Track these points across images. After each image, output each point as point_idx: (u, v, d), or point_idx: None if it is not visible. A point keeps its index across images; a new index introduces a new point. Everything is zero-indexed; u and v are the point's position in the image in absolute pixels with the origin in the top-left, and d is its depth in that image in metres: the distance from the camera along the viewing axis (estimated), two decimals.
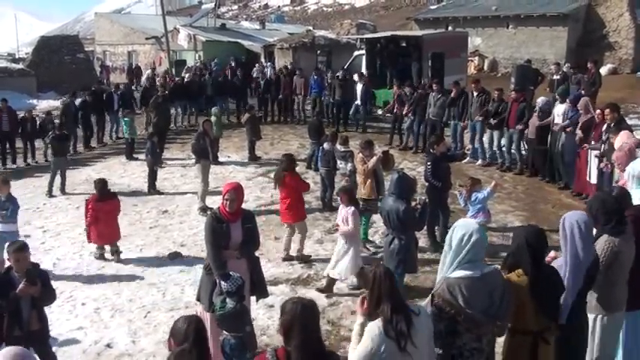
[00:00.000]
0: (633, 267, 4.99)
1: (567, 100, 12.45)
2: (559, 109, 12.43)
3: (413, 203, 7.29)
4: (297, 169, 14.51)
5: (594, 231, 4.82)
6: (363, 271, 3.96)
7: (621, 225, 4.90)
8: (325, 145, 11.68)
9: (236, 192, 6.06)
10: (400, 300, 3.76)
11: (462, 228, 4.03)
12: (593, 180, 10.85)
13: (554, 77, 19.16)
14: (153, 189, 13.43)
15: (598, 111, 11.17)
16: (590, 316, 4.89)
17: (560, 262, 4.56)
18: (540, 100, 13.24)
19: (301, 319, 3.46)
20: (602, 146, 10.25)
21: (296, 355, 3.41)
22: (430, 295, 4.07)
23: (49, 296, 5.61)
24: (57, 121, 17.00)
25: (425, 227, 9.50)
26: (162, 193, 13.26)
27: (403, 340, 3.60)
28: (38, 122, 16.94)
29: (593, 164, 10.76)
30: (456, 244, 3.99)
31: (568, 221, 4.50)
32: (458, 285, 3.90)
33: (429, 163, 9.54)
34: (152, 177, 13.55)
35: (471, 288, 3.89)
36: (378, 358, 3.63)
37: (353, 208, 8.12)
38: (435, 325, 3.90)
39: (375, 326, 3.67)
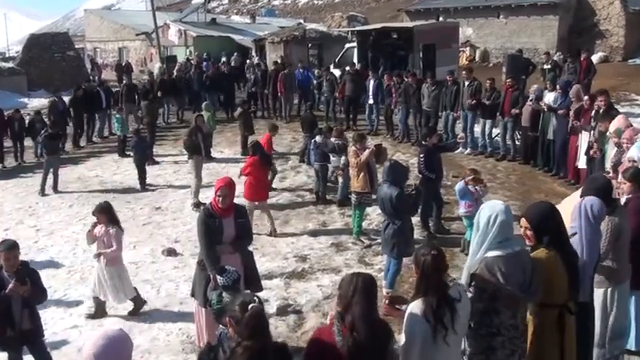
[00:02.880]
0: (632, 248, 5.32)
1: (557, 87, 12.53)
2: (549, 97, 12.54)
3: (408, 190, 7.49)
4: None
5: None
6: (416, 250, 4.02)
7: (614, 205, 5.24)
8: (317, 138, 11.66)
9: (228, 188, 6.04)
10: (445, 291, 3.80)
11: (488, 210, 4.12)
12: (582, 165, 10.98)
13: (545, 66, 19.19)
14: (143, 185, 13.45)
15: (586, 97, 11.24)
16: (600, 290, 5.21)
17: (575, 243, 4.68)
18: (534, 88, 13.29)
19: (362, 290, 3.59)
20: (592, 132, 10.32)
21: (359, 323, 3.52)
22: (469, 276, 4.13)
23: (40, 295, 5.59)
24: (46, 119, 16.97)
25: (419, 219, 9.61)
26: (153, 189, 13.22)
27: (443, 332, 3.68)
28: (27, 121, 16.88)
29: (582, 149, 10.87)
30: (482, 226, 4.09)
31: (585, 204, 4.70)
32: (496, 264, 3.99)
33: (421, 155, 9.52)
34: (142, 173, 13.57)
35: (507, 265, 3.98)
36: (419, 337, 3.70)
37: (116, 228, 7.34)
38: (474, 305, 4.01)
39: (416, 307, 3.76)
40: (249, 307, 3.62)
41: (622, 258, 5.28)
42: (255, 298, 3.76)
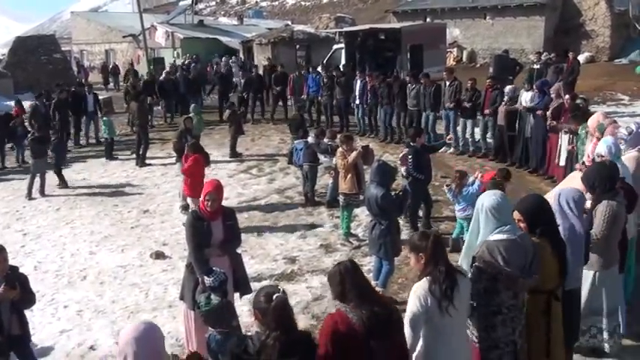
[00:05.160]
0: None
1: (534, 87, 12.71)
2: (526, 96, 12.73)
3: (396, 191, 7.70)
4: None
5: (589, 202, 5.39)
6: (423, 231, 4.19)
7: (615, 190, 5.44)
8: (310, 139, 11.66)
9: (217, 192, 6.02)
10: (450, 263, 4.06)
11: (479, 199, 4.47)
12: (562, 162, 11.11)
13: (535, 66, 19.28)
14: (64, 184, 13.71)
15: (567, 97, 11.39)
16: (590, 272, 5.45)
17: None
18: (507, 89, 13.43)
19: (349, 275, 3.79)
20: (569, 127, 10.55)
21: (361, 303, 3.70)
22: (471, 258, 4.37)
23: (29, 300, 5.54)
24: (26, 123, 16.90)
25: (409, 219, 9.64)
26: (141, 192, 13.18)
27: (446, 302, 3.87)
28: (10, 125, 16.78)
29: (563, 147, 11.01)
30: (475, 214, 4.47)
31: (563, 197, 4.91)
32: (497, 247, 4.21)
33: (409, 156, 9.52)
34: (59, 175, 13.76)
35: (508, 249, 4.19)
36: (424, 316, 3.90)
37: None
38: (474, 285, 4.22)
39: (420, 287, 3.96)
40: (274, 297, 3.66)
41: (613, 243, 5.48)
42: (279, 288, 3.82)
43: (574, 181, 5.89)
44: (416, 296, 3.93)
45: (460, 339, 4.12)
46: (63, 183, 13.87)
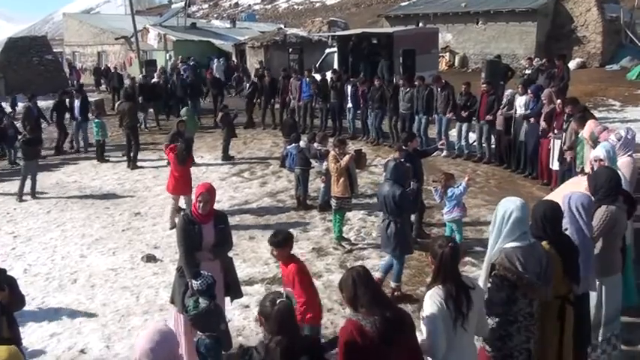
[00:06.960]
0: None
1: (528, 91, 12.78)
2: (520, 100, 12.85)
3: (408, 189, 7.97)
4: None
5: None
6: (443, 240, 4.17)
7: (616, 196, 5.43)
8: (302, 143, 11.67)
9: (209, 194, 6.01)
10: (461, 279, 4.02)
11: (503, 207, 4.40)
12: (555, 167, 11.27)
13: (527, 72, 19.35)
14: None
15: (559, 101, 11.47)
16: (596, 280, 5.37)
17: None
18: (509, 92, 13.55)
19: (362, 281, 3.81)
20: (564, 134, 10.58)
21: (374, 308, 3.71)
22: (490, 266, 4.41)
23: (19, 303, 5.51)
24: (19, 125, 16.80)
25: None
26: (132, 195, 13.13)
27: (461, 319, 3.88)
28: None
29: (556, 152, 11.13)
30: (498, 221, 4.40)
31: (573, 202, 4.93)
32: (515, 254, 4.24)
33: (402, 160, 9.51)
34: None
35: (525, 255, 4.24)
36: (440, 316, 3.88)
37: None
38: (496, 294, 4.27)
39: (435, 293, 3.95)
40: (277, 302, 3.72)
41: (615, 248, 5.49)
42: (282, 293, 3.88)
43: (578, 186, 5.85)
44: (432, 301, 3.93)
45: (471, 349, 4.14)
46: None
